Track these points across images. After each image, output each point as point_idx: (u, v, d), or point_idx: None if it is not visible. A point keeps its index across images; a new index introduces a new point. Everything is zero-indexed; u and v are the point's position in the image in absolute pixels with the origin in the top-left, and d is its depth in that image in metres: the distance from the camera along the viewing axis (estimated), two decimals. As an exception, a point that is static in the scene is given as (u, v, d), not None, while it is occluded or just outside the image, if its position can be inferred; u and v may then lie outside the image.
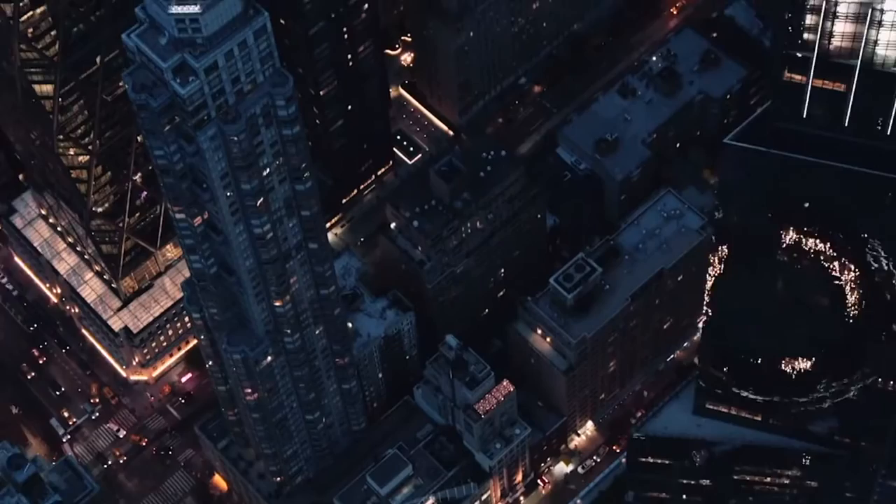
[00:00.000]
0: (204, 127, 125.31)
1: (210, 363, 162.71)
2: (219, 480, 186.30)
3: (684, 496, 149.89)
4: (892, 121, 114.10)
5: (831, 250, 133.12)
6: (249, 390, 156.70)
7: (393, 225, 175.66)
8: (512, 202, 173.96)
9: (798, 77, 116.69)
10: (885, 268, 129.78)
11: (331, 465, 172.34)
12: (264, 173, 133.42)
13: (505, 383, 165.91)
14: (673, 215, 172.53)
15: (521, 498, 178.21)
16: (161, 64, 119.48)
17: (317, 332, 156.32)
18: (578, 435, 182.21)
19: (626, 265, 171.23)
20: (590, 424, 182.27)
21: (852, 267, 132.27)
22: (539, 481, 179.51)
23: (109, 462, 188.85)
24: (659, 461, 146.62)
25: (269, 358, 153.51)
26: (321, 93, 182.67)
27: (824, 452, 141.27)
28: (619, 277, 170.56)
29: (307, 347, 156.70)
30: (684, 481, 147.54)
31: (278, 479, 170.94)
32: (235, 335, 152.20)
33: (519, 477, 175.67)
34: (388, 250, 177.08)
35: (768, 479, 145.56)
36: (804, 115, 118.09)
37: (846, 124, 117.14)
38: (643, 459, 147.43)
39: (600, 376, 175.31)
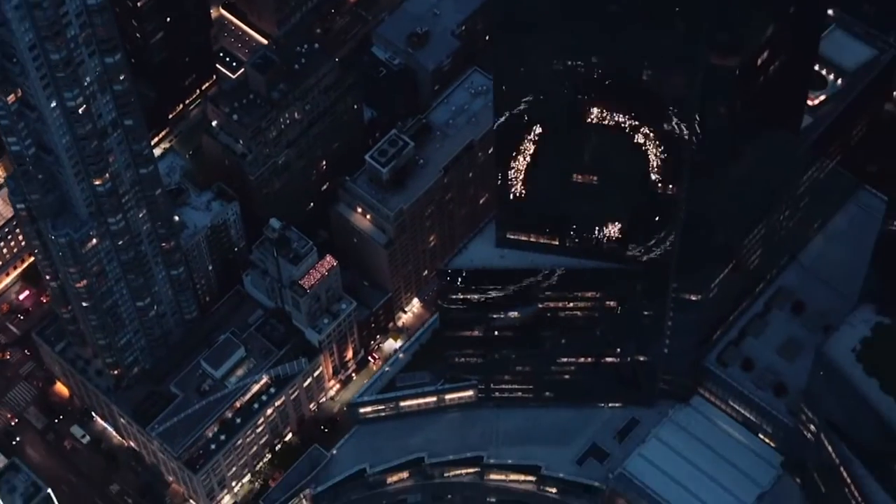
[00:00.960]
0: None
1: (40, 258, 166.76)
2: (60, 388, 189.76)
3: (496, 332, 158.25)
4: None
5: (634, 121, 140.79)
6: (77, 276, 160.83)
7: (214, 122, 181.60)
8: (328, 92, 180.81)
9: None
10: (680, 131, 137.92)
11: (166, 355, 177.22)
12: (72, 45, 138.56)
13: (328, 258, 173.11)
14: (480, 91, 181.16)
15: (353, 375, 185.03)
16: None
17: (140, 214, 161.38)
18: (405, 312, 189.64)
19: (437, 140, 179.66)
20: (416, 301, 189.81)
21: (653, 135, 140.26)
22: (369, 358, 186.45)
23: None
24: (467, 296, 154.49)
25: (94, 240, 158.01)
26: (139, 4, 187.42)
27: (621, 270, 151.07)
28: (431, 152, 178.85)
29: (132, 230, 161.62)
30: (493, 315, 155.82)
31: (115, 371, 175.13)
32: (59, 219, 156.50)
33: (349, 353, 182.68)
34: (211, 147, 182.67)
35: (571, 304, 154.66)
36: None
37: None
38: (453, 296, 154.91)
39: (421, 251, 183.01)
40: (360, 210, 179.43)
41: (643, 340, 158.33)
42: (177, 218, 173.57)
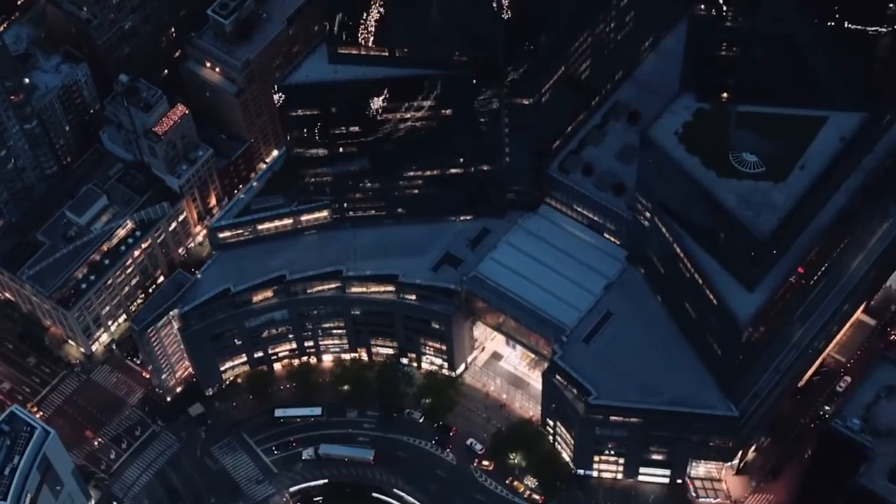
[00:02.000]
0: None
1: None
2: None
3: (340, 149, 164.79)
4: None
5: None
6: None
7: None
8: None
9: None
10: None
11: (31, 208, 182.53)
12: None
13: (179, 106, 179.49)
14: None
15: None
16: None
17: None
18: (265, 162, 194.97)
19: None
20: (275, 153, 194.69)
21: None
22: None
23: None
24: (306, 112, 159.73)
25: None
26: None
27: (452, 76, 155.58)
28: (275, 6, 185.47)
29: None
30: (334, 130, 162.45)
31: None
32: None
33: (213, 200, 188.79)
34: (56, 16, 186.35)
35: (408, 115, 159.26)
36: None
37: None
38: (293, 114, 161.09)
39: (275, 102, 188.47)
40: (208, 64, 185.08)
41: (484, 149, 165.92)
42: (27, 80, 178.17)
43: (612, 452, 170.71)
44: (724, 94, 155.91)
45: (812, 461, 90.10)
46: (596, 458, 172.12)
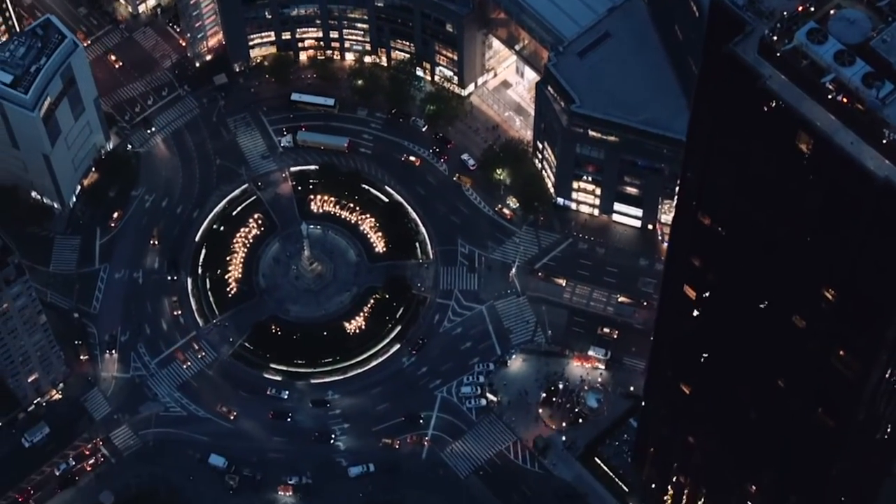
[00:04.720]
0: None
1: None
2: None
3: None
4: None
5: None
6: None
7: None
8: None
9: None
10: None
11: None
12: None
13: None
14: None
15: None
16: None
17: None
18: None
19: None
20: None
21: None
22: None
23: None
24: None
25: None
26: None
27: None
28: None
29: None
30: None
31: None
32: None
33: None
34: None
35: None
36: None
37: None
38: None
39: None
40: None
41: None
42: None
43: (590, 179, 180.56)
44: None
45: (706, 33, 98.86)
46: (575, 186, 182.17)
